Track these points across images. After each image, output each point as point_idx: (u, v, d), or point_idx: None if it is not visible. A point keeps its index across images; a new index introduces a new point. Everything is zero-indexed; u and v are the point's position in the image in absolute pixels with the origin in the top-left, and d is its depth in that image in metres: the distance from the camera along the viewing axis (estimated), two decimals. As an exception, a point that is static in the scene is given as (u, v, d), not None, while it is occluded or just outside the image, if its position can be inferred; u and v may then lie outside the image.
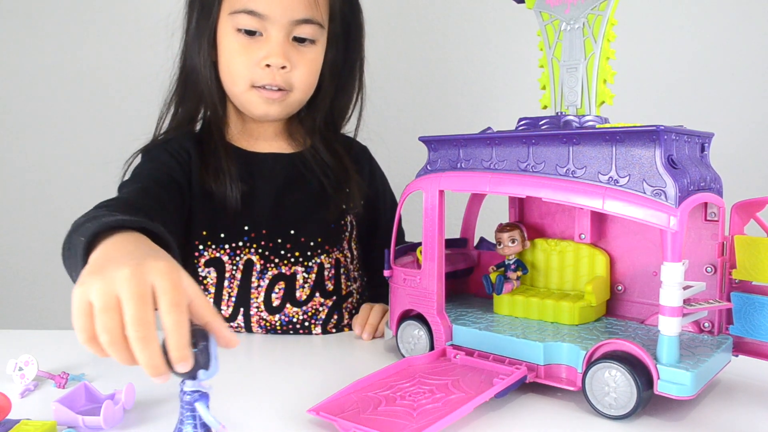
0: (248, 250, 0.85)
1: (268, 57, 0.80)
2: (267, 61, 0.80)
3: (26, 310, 1.52)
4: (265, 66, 0.80)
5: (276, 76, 0.81)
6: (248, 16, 0.79)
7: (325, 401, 0.54)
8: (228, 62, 0.82)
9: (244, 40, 0.80)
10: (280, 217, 0.86)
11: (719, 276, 0.60)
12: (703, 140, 0.61)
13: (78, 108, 1.46)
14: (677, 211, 0.50)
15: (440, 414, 0.50)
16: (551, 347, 0.59)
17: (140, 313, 0.39)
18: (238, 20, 0.79)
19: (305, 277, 0.87)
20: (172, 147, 0.85)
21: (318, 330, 0.88)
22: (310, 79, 0.85)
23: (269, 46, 0.80)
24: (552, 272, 0.71)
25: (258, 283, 0.85)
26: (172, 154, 0.84)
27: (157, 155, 0.84)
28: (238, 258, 0.84)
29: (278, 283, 0.86)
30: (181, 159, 0.84)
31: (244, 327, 0.86)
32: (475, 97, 1.38)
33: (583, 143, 0.56)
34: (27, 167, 1.48)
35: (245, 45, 0.80)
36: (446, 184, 0.65)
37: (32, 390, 0.63)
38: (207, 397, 0.43)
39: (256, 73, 0.81)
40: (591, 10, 0.60)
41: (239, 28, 0.80)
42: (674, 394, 0.51)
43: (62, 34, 1.45)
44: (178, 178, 0.82)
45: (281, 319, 0.86)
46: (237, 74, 0.82)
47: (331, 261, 0.88)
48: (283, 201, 0.87)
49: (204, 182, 0.83)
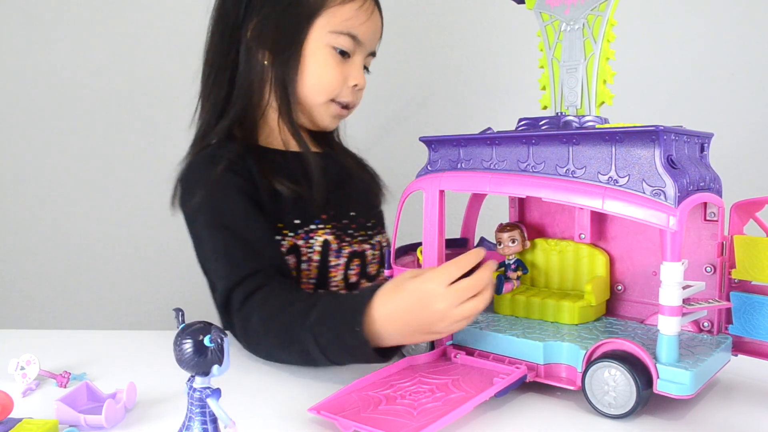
0: (322, 231, 0.88)
1: (357, 79, 0.88)
2: (356, 82, 0.88)
3: (28, 309, 1.52)
4: (353, 86, 0.88)
5: (355, 96, 0.90)
6: (349, 39, 0.85)
7: (325, 400, 0.54)
8: (319, 75, 0.86)
9: (338, 59, 0.86)
10: (340, 200, 0.92)
11: (718, 276, 0.61)
12: (703, 140, 0.61)
13: (79, 108, 1.46)
14: (677, 211, 0.50)
15: (440, 413, 0.50)
16: (551, 347, 0.59)
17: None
18: (339, 40, 0.85)
19: (372, 254, 0.93)
20: (238, 168, 0.83)
21: None
22: (361, 100, 0.93)
23: (357, 70, 0.88)
24: (552, 272, 0.71)
25: (336, 261, 0.89)
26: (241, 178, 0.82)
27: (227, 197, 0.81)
28: (313, 240, 0.87)
29: (354, 260, 0.90)
30: (245, 175, 0.83)
31: None
32: (475, 98, 1.38)
33: (582, 143, 0.56)
34: (28, 167, 1.49)
35: (339, 63, 0.86)
36: (446, 184, 0.65)
37: (34, 389, 0.63)
38: (219, 393, 0.43)
39: (344, 91, 0.88)
40: (591, 10, 0.61)
41: (336, 46, 0.85)
42: (674, 393, 0.51)
43: (63, 33, 1.45)
44: (253, 197, 0.82)
45: None
46: (325, 87, 0.86)
47: (384, 240, 0.97)
48: (338, 187, 0.92)
49: (271, 185, 0.84)
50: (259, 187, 0.83)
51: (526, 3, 0.66)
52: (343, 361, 0.64)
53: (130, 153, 1.46)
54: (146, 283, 1.48)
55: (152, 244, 1.47)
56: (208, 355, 0.42)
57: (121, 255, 1.49)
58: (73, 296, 1.51)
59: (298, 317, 0.65)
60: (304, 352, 0.64)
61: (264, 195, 0.83)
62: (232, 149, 0.84)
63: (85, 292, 1.50)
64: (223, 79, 0.88)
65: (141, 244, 1.48)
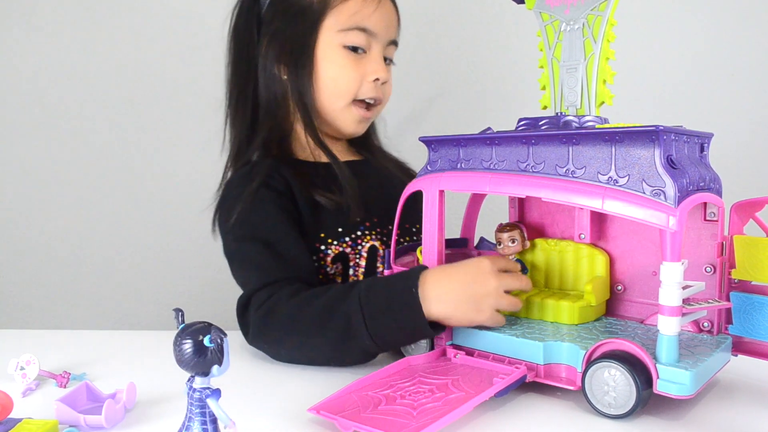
0: (369, 237, 0.88)
1: (377, 72, 0.85)
2: (376, 75, 0.85)
3: (28, 310, 1.52)
4: (374, 80, 0.85)
5: (378, 90, 0.87)
6: (360, 33, 0.84)
7: (325, 400, 0.54)
8: (335, 78, 0.85)
9: (352, 56, 0.85)
10: (383, 206, 0.89)
11: (718, 276, 0.60)
12: (703, 140, 0.61)
13: (80, 109, 1.46)
14: (676, 211, 0.50)
15: (440, 413, 0.50)
16: (551, 347, 0.59)
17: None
18: (349, 37, 0.83)
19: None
20: (274, 183, 0.83)
21: None
22: (390, 94, 0.91)
23: (375, 63, 0.85)
24: (552, 272, 0.71)
25: (383, 267, 0.88)
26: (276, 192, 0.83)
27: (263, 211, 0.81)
28: (360, 246, 0.87)
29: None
30: (284, 189, 0.84)
31: None
32: (475, 98, 1.38)
33: (582, 143, 0.56)
34: (28, 167, 1.49)
35: (354, 61, 0.85)
36: (446, 184, 0.65)
37: (34, 389, 0.63)
38: (219, 394, 0.43)
39: (364, 86, 0.85)
40: (591, 10, 0.61)
41: (347, 45, 0.84)
42: (673, 394, 0.51)
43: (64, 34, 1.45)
44: (290, 210, 0.83)
45: None
46: (344, 89, 0.85)
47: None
48: (380, 193, 0.91)
49: (310, 195, 0.84)
50: (297, 199, 0.83)
51: (526, 3, 0.66)
52: (387, 332, 0.63)
53: (130, 153, 1.46)
54: (146, 283, 1.48)
55: (152, 244, 1.47)
56: (208, 356, 0.42)
57: (121, 255, 1.49)
58: (74, 296, 1.51)
59: (340, 294, 0.66)
60: (344, 329, 0.64)
61: (303, 207, 0.83)
62: (266, 165, 0.84)
63: (85, 292, 1.50)
64: (246, 99, 0.89)
65: (141, 244, 1.48)
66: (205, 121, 0.96)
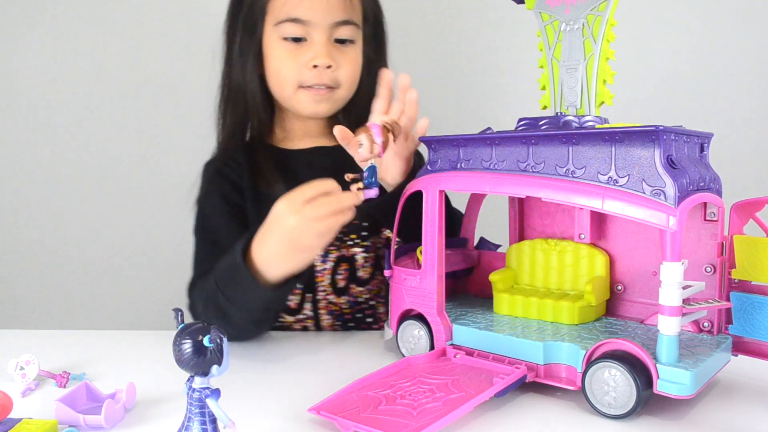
0: None
1: (315, 58, 0.84)
2: (314, 62, 0.84)
3: (27, 310, 1.52)
4: (312, 67, 0.84)
5: (323, 76, 0.85)
6: (293, 24, 0.84)
7: (325, 400, 0.54)
8: (277, 70, 0.87)
9: (291, 46, 0.85)
10: None
11: (718, 276, 0.60)
12: (702, 140, 0.61)
13: (81, 109, 1.46)
14: (676, 211, 0.50)
15: (440, 413, 0.50)
16: (551, 347, 0.59)
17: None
18: (284, 29, 0.84)
19: (365, 257, 0.91)
20: (227, 170, 0.90)
21: (382, 309, 0.92)
22: (353, 75, 0.89)
23: (314, 49, 0.85)
24: (551, 272, 0.71)
25: (322, 266, 0.89)
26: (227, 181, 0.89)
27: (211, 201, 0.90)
28: None
29: (341, 264, 0.90)
30: (236, 178, 0.89)
31: (312, 318, 0.90)
32: (475, 98, 1.38)
33: (582, 143, 0.56)
34: (28, 167, 1.48)
35: (292, 51, 0.85)
36: (446, 184, 0.65)
37: (33, 389, 0.63)
38: (218, 394, 0.43)
39: (304, 74, 0.85)
40: (590, 10, 0.61)
41: (285, 36, 0.85)
42: (674, 394, 0.51)
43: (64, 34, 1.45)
44: (234, 200, 0.89)
45: (348, 300, 0.90)
46: (286, 79, 0.86)
47: (382, 240, 0.94)
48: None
49: (256, 187, 0.88)
50: (244, 190, 0.87)
51: (526, 3, 0.66)
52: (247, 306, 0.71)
53: (130, 154, 1.46)
54: (146, 283, 1.48)
55: (152, 244, 1.47)
56: (208, 356, 0.42)
57: (121, 255, 1.49)
58: (73, 296, 1.51)
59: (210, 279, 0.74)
60: (223, 311, 0.72)
61: (249, 198, 0.87)
62: (226, 151, 0.88)
63: (85, 292, 1.50)
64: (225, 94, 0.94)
65: (141, 244, 1.48)
66: (205, 122, 0.96)
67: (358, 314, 0.91)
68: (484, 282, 0.74)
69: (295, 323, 0.90)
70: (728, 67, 1.26)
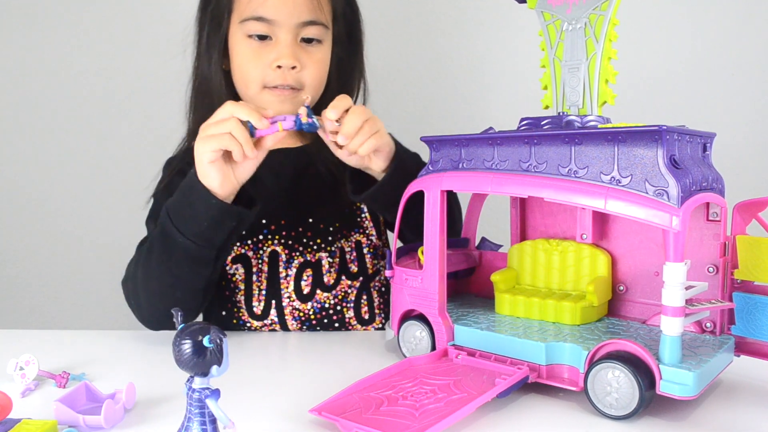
0: (271, 242, 0.88)
1: (279, 59, 0.82)
2: (278, 63, 0.83)
3: (27, 310, 1.52)
4: (276, 67, 0.83)
5: (287, 77, 0.84)
6: (257, 23, 0.82)
7: (327, 401, 0.53)
8: (241, 67, 0.85)
9: (255, 45, 0.84)
10: (296, 206, 0.90)
11: (721, 276, 0.60)
12: (705, 140, 0.61)
13: (81, 110, 1.46)
14: (679, 211, 0.50)
15: (442, 414, 0.50)
16: (553, 347, 0.58)
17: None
18: (249, 27, 0.83)
19: (330, 262, 0.90)
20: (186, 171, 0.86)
21: (351, 314, 0.91)
22: (319, 77, 0.88)
23: (279, 49, 0.83)
24: (553, 272, 0.71)
25: (286, 272, 0.89)
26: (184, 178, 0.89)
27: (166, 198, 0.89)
28: (262, 251, 0.88)
29: (306, 270, 0.89)
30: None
31: (278, 323, 0.89)
32: (476, 98, 1.38)
33: (585, 143, 0.56)
34: (28, 168, 1.48)
35: (256, 49, 0.84)
36: (448, 184, 0.65)
37: (33, 389, 0.63)
38: (218, 394, 0.43)
39: (269, 74, 0.83)
40: (593, 10, 0.60)
41: (250, 34, 0.83)
42: (676, 394, 0.51)
43: (65, 35, 1.45)
44: None
45: (314, 306, 0.89)
46: (250, 78, 0.85)
47: (351, 244, 0.92)
48: (296, 191, 0.91)
49: None
50: None
51: (528, 2, 0.65)
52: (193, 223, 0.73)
53: (130, 154, 1.46)
54: (146, 284, 1.47)
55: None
56: (207, 356, 0.41)
57: (121, 255, 1.49)
58: (73, 296, 1.51)
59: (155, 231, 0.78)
60: (163, 240, 0.75)
61: None
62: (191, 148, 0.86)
63: (85, 292, 1.50)
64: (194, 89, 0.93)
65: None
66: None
67: (325, 320, 0.90)
68: (486, 282, 0.74)
69: (261, 327, 0.89)
70: (731, 67, 1.26)
